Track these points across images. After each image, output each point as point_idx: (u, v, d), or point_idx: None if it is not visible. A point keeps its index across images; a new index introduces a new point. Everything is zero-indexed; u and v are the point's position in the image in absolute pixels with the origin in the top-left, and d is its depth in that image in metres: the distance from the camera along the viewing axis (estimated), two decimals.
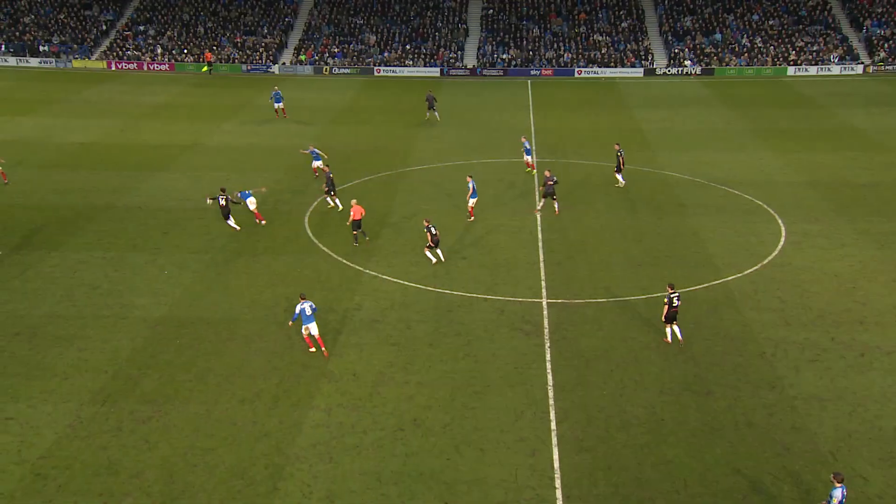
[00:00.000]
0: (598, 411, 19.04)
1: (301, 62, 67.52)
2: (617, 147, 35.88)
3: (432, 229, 26.76)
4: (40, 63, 65.92)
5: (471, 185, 30.85)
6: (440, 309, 24.22)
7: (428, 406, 19.39)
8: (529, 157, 37.70)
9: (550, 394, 19.80)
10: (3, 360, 20.95)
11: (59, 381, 20.11)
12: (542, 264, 27.32)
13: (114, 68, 65.50)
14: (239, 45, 68.84)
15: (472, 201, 31.04)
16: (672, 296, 21.41)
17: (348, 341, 22.37)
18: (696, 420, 18.70)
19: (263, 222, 30.76)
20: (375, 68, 66.51)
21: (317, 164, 36.44)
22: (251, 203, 30.58)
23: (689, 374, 20.51)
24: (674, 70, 65.11)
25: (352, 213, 28.15)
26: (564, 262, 27.39)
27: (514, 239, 29.56)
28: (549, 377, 20.54)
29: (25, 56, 66.15)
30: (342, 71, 66.55)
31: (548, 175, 31.75)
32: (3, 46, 66.67)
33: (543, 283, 25.83)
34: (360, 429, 18.56)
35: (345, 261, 27.71)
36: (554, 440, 18.01)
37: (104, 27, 70.11)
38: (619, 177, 35.36)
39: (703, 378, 20.33)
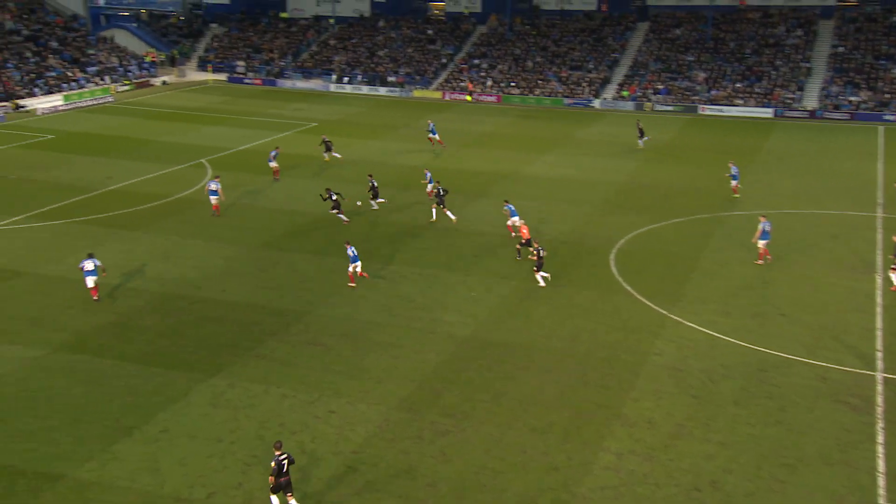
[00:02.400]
0: None
1: (623, 98, 67.57)
2: None
3: (541, 252, 27.95)
4: (387, 92, 73.55)
5: (762, 226, 29.79)
6: (750, 366, 22.51)
7: (729, 469, 18.05)
8: (735, 182, 38.81)
9: (881, 483, 17.36)
10: (332, 358, 23.46)
11: (373, 383, 22.02)
12: (879, 332, 24.21)
13: (447, 98, 70.95)
14: (564, 79, 70.84)
15: (761, 243, 29.94)
16: None
17: (646, 386, 21.67)
18: None
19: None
20: (700, 106, 64.35)
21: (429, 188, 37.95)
22: (517, 220, 32.25)
23: None
24: None
25: (522, 233, 30.40)
26: None
27: (846, 300, 26.60)
28: (881, 463, 18.04)
29: (376, 85, 74.26)
30: (664, 108, 65.38)
31: None
32: (360, 76, 75.57)
33: (879, 354, 22.85)
34: (652, 480, 17.83)
35: (649, 302, 26.97)
36: None
37: (444, 60, 76.36)
38: None
39: None
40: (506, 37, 77.71)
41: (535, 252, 28.25)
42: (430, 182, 38.48)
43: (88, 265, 26.70)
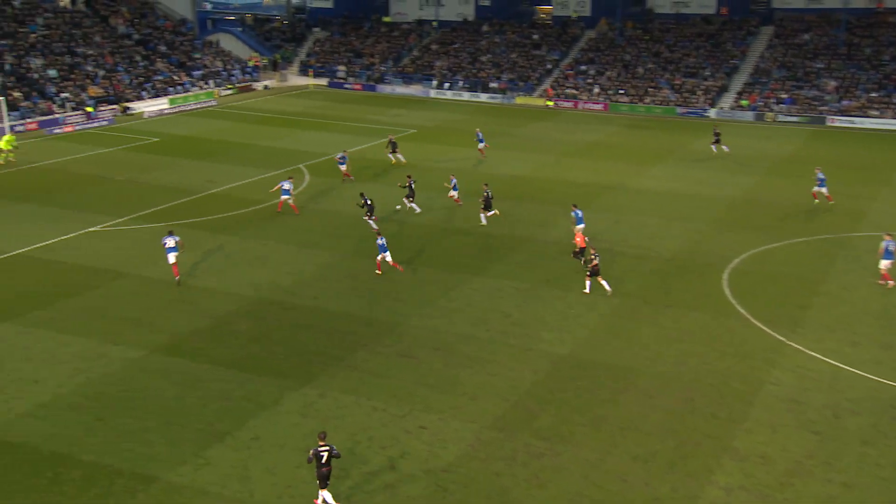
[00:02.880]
0: None
1: (742, 107, 65.59)
2: None
3: (595, 259, 28.50)
4: (488, 98, 73.89)
5: (885, 245, 28.97)
6: (882, 402, 21.35)
7: None
8: (823, 189, 38.77)
9: None
10: (423, 371, 23.64)
11: (466, 399, 22.05)
12: None
13: (552, 105, 70.63)
14: (677, 87, 69.37)
15: (884, 263, 29.12)
16: None
17: (760, 418, 20.86)
18: None
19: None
20: (829, 117, 61.73)
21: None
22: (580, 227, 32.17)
23: None
24: None
25: (577, 241, 31.22)
26: None
27: None
28: None
29: (477, 92, 74.73)
30: (788, 118, 63.04)
31: None
32: (461, 82, 76.23)
33: None
34: None
35: (766, 328, 25.99)
36: None
37: (549, 66, 76.14)
38: None
39: None
40: (616, 42, 76.81)
41: (591, 257, 28.72)
42: (454, 188, 38.98)
43: (170, 242, 29.30)
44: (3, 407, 21.28)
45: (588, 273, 28.93)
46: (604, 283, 28.83)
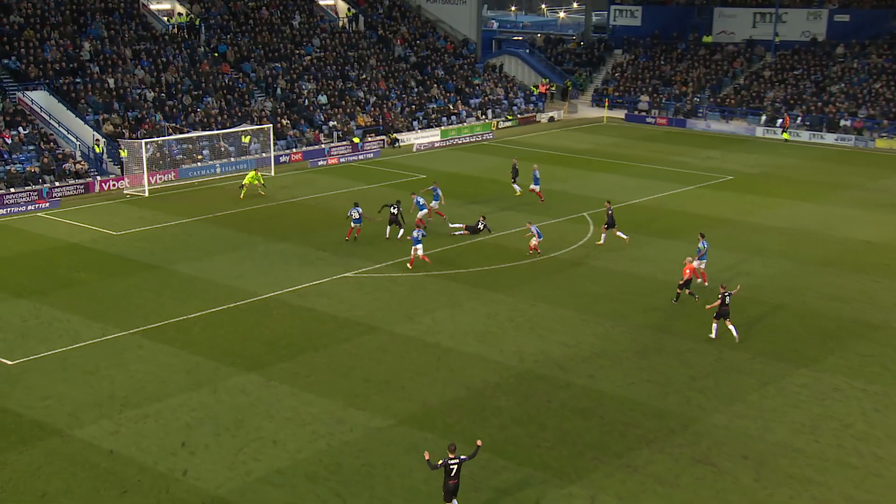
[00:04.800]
0: None
1: None
2: None
3: (726, 298, 30.37)
4: (836, 140, 69.64)
5: None
6: None
7: None
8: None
9: None
10: (724, 485, 22.35)
11: None
12: None
13: None
14: None
15: None
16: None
17: None
18: None
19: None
20: None
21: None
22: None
23: None
24: None
25: (685, 273, 33.47)
26: None
27: None
28: None
29: (821, 131, 70.82)
30: None
31: None
32: (799, 118, 72.73)
33: None
34: None
35: None
36: None
37: None
38: None
39: None
40: None
41: (719, 297, 30.54)
42: (538, 236, 39.54)
43: (354, 214, 40.58)
44: (242, 469, 23.14)
45: (715, 316, 30.88)
46: (731, 327, 30.66)
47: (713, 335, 30.82)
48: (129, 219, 46.25)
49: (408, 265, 37.45)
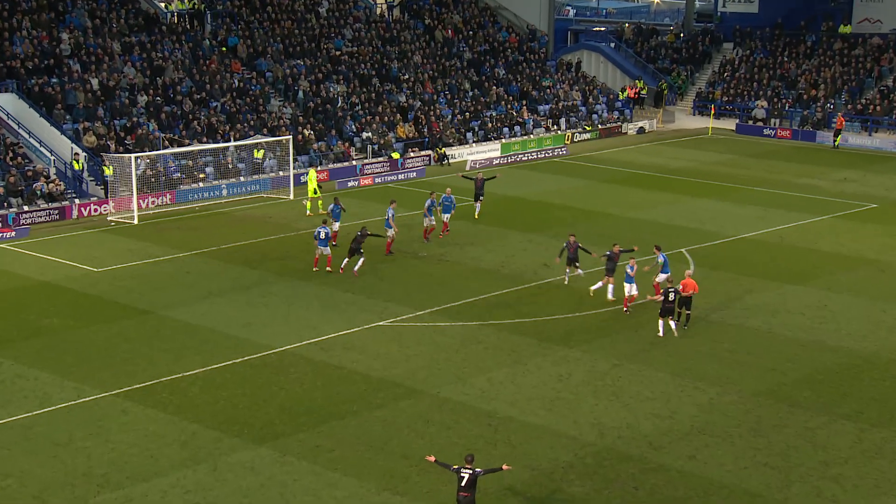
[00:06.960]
0: None
1: None
2: None
3: (670, 295, 35.76)
4: None
5: None
6: None
7: None
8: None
9: None
10: None
11: None
12: None
13: None
14: None
15: None
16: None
17: None
18: None
19: None
20: None
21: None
22: None
23: None
24: None
25: (682, 286, 36.55)
26: None
27: None
28: None
29: None
30: None
31: None
32: None
33: None
34: None
35: None
36: None
37: None
38: None
39: None
40: None
41: (662, 292, 36.09)
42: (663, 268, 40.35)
43: (321, 234, 42.66)
44: None
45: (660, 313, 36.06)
46: (673, 324, 36.06)
47: (660, 333, 36.35)
48: (113, 252, 46.81)
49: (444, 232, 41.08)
